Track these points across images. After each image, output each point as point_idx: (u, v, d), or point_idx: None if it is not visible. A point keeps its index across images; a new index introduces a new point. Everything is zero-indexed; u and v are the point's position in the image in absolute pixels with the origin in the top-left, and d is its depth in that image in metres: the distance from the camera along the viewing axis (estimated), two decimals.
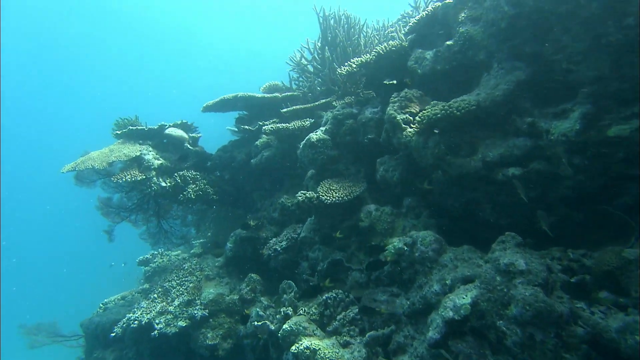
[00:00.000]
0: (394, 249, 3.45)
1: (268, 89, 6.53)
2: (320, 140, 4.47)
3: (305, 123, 5.12)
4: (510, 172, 2.84)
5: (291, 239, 4.66)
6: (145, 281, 6.72)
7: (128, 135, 5.64)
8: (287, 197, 5.35)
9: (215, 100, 5.84)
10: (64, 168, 5.12)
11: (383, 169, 4.03)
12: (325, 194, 4.12)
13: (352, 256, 4.14)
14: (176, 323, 4.69)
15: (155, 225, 6.34)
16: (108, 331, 5.49)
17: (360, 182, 4.22)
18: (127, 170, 5.14)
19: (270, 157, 5.37)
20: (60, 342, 6.65)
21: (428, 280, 3.15)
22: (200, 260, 5.63)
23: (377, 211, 3.99)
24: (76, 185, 6.12)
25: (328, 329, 3.66)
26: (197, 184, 5.59)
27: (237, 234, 5.33)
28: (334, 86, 5.88)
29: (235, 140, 6.33)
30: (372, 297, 3.54)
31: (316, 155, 4.50)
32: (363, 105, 4.51)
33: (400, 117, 3.49)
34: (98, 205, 6.47)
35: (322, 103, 5.43)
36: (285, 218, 5.31)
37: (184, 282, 5.22)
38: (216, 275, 5.37)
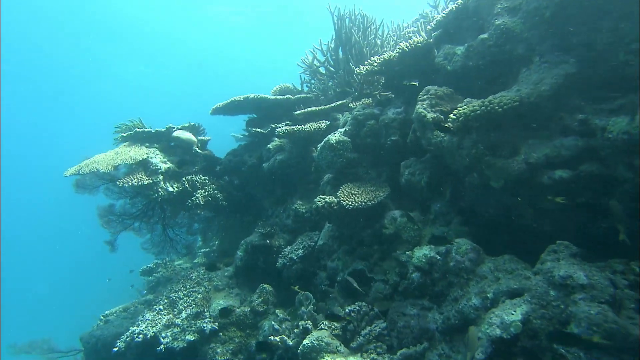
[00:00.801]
0: (425, 258, 3.18)
1: (279, 91, 6.31)
2: (340, 142, 4.22)
3: (322, 125, 4.88)
4: (557, 175, 2.59)
5: (308, 247, 4.39)
6: (149, 292, 6.41)
7: (134, 137, 5.40)
8: (301, 203, 5.09)
9: (225, 102, 5.61)
10: (67, 171, 4.87)
11: (409, 172, 3.78)
12: (347, 199, 3.86)
13: (375, 266, 3.86)
14: (184, 337, 4.39)
15: (160, 233, 6.06)
16: (109, 345, 5.17)
17: (383, 187, 3.97)
18: (133, 174, 4.89)
19: (284, 160, 5.13)
20: (56, 358, 6.31)
21: (465, 293, 2.88)
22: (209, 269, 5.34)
23: (403, 217, 3.73)
24: (77, 192, 5.84)
25: (352, 345, 3.37)
26: (206, 189, 5.33)
27: (248, 242, 5.06)
28: (349, 88, 5.67)
29: (246, 144, 6.09)
30: (400, 310, 3.26)
31: (335, 158, 4.26)
32: (385, 106, 4.28)
33: (431, 116, 3.25)
34: (98, 215, 6.18)
35: (338, 105, 5.21)
36: (299, 225, 5.05)
37: (192, 293, 4.93)
38: (225, 286, 5.08)
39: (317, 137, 4.94)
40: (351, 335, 3.46)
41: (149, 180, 4.88)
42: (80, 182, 5.67)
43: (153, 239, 6.11)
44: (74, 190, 5.80)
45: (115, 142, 5.55)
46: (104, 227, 6.10)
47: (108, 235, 6.02)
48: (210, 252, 7.50)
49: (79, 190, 5.77)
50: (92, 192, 5.83)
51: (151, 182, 4.90)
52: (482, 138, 2.84)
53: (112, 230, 6.05)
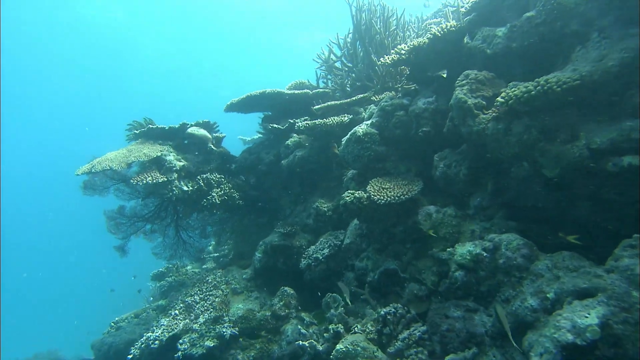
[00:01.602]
0: (470, 255, 2.93)
1: (294, 87, 6.11)
2: (368, 134, 3.99)
3: (344, 118, 4.66)
4: (626, 162, 2.34)
5: (334, 246, 4.15)
6: (161, 297, 6.17)
7: (147, 135, 5.19)
8: (322, 201, 4.86)
9: (240, 97, 5.40)
10: (79, 170, 4.66)
11: (444, 164, 3.54)
12: (378, 194, 3.62)
13: (409, 265, 3.61)
14: (203, 343, 4.14)
15: (173, 235, 5.83)
16: (122, 352, 4.93)
17: (416, 181, 3.73)
18: (147, 172, 4.67)
19: (304, 157, 4.90)
20: None
21: (518, 293, 2.62)
22: (225, 272, 5.10)
23: (439, 213, 3.48)
24: (85, 194, 5.60)
25: (389, 350, 3.11)
26: (222, 188, 5.11)
27: (267, 243, 4.82)
28: (369, 82, 5.46)
29: (261, 141, 5.87)
30: (442, 312, 3.00)
31: (362, 151, 4.03)
32: (413, 96, 4.05)
33: (472, 102, 3.02)
34: (106, 219, 5.91)
35: (359, 98, 4.99)
36: (321, 225, 4.81)
37: (209, 297, 4.69)
38: (244, 289, 4.83)
39: (339, 131, 4.72)
40: (387, 339, 3.20)
41: (164, 178, 4.66)
42: (90, 183, 5.44)
43: (165, 242, 5.88)
44: (82, 192, 5.56)
45: (127, 139, 5.34)
46: (111, 231, 5.84)
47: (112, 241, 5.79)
48: (220, 257, 7.26)
49: (88, 192, 5.53)
50: (102, 194, 5.61)
51: (166, 180, 4.68)
52: (535, 122, 2.60)
53: (122, 234, 5.81)
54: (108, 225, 5.83)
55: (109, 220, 5.81)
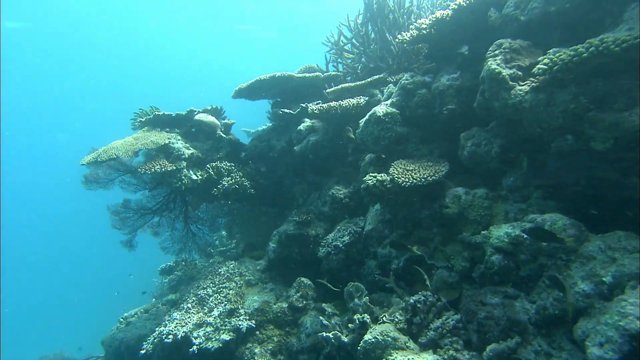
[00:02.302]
0: (508, 238, 2.72)
1: (304, 71, 5.87)
2: (388, 115, 3.77)
3: (360, 100, 4.44)
4: None
5: (354, 234, 3.94)
6: (170, 291, 6.00)
7: (153, 122, 4.98)
8: (338, 188, 4.65)
9: (249, 82, 5.18)
10: (84, 160, 4.46)
11: (472, 143, 3.32)
12: (402, 176, 3.41)
13: (436, 251, 3.41)
14: (218, 336, 3.96)
15: (181, 228, 5.63)
16: (134, 348, 4.77)
17: (442, 162, 3.51)
18: (155, 160, 4.46)
19: (318, 142, 4.68)
20: None
21: (566, 277, 2.41)
22: (238, 264, 4.91)
23: (468, 195, 3.27)
24: (87, 188, 5.35)
25: (421, 340, 2.91)
26: (233, 177, 4.90)
27: (282, 232, 4.62)
28: (383, 63, 5.22)
29: (271, 128, 5.65)
30: (478, 299, 2.80)
31: (383, 132, 3.81)
32: (436, 73, 3.82)
33: (507, 73, 2.79)
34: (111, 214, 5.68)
35: (374, 80, 4.76)
36: (337, 212, 4.61)
37: (222, 289, 4.50)
38: (258, 281, 4.65)
39: (355, 114, 4.50)
40: (418, 329, 3.01)
41: (172, 166, 4.46)
42: (92, 176, 5.19)
43: (174, 235, 5.67)
44: (84, 186, 5.33)
45: (133, 128, 5.13)
46: (116, 227, 5.61)
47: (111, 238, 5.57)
48: (226, 250, 7.08)
49: (90, 185, 5.25)
50: (106, 186, 5.37)
51: (175, 168, 4.48)
52: (584, 90, 2.38)
53: (128, 228, 5.59)
54: (112, 221, 5.60)
55: (114, 215, 5.57)
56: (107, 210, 5.31)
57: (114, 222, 5.56)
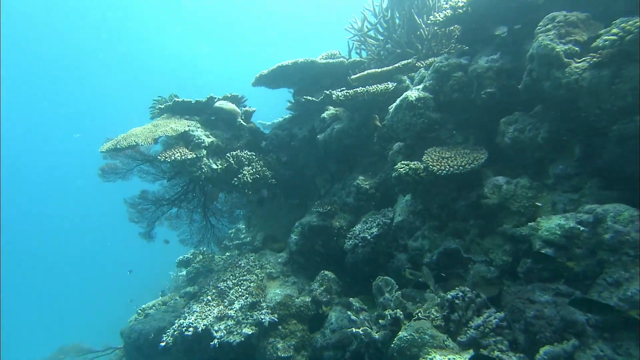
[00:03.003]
0: (561, 230, 2.49)
1: (326, 58, 5.66)
2: (421, 99, 3.55)
3: (389, 86, 4.22)
4: None
5: (383, 225, 3.74)
6: (188, 283, 5.90)
7: (172, 109, 4.85)
8: (363, 178, 4.46)
9: (271, 69, 5.01)
10: (103, 147, 4.36)
11: (515, 129, 3.07)
12: (437, 164, 3.19)
13: (472, 244, 3.19)
14: (240, 330, 3.83)
15: (200, 219, 5.52)
16: (153, 340, 4.68)
17: (480, 149, 3.28)
18: (174, 148, 4.33)
19: (343, 130, 4.48)
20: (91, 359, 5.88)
21: (633, 275, 2.18)
22: (259, 256, 4.77)
23: (510, 184, 3.03)
24: (103, 179, 5.25)
25: (460, 339, 2.71)
26: (253, 166, 4.74)
27: (305, 224, 4.45)
28: (410, 49, 4.98)
29: (293, 116, 5.48)
30: (525, 296, 2.58)
31: (415, 118, 3.59)
32: (473, 55, 3.57)
33: (561, 49, 2.54)
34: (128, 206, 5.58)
35: (402, 65, 4.52)
36: (362, 203, 4.42)
37: (243, 282, 4.37)
38: (280, 273, 4.50)
39: (383, 101, 4.29)
40: (456, 326, 2.80)
41: (192, 154, 4.32)
42: (109, 167, 5.10)
43: (192, 227, 5.57)
44: (100, 177, 5.23)
45: (151, 116, 5.01)
46: (133, 220, 5.53)
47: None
48: (242, 244, 6.96)
49: (106, 176, 5.15)
50: (125, 177, 5.28)
51: (195, 157, 4.34)
52: None
53: (146, 220, 5.50)
54: (129, 214, 5.51)
55: (131, 208, 5.48)
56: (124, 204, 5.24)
57: (131, 215, 5.47)
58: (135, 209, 5.43)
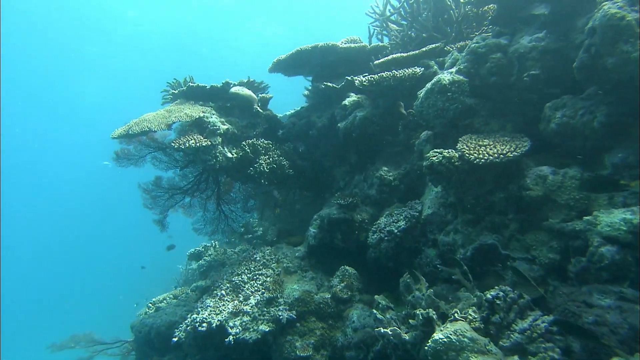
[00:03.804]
0: (627, 226, 2.21)
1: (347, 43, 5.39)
2: (455, 83, 3.27)
3: (417, 70, 3.94)
4: None
5: (411, 218, 3.49)
6: (200, 277, 5.73)
7: (186, 94, 4.65)
8: (386, 169, 4.20)
9: (289, 53, 4.76)
10: (115, 133, 4.17)
11: (563, 114, 2.79)
12: (474, 152, 2.92)
13: (512, 240, 2.92)
14: (257, 327, 3.62)
15: (214, 209, 5.33)
16: (164, 335, 4.51)
17: (521, 136, 3.00)
18: (189, 134, 4.12)
19: (367, 118, 4.22)
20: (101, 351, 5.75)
21: None
22: (275, 249, 4.56)
23: (557, 175, 2.75)
24: (118, 165, 5.10)
25: (503, 343, 2.45)
26: (270, 155, 4.52)
27: (324, 217, 4.22)
28: (438, 33, 4.69)
29: (311, 104, 5.23)
30: (580, 299, 2.31)
31: (448, 104, 3.32)
32: (513, 35, 3.28)
33: (634, 17, 2.25)
34: (142, 192, 5.47)
35: (430, 49, 4.25)
36: (385, 196, 4.17)
37: (258, 276, 4.16)
38: (297, 268, 4.28)
39: (409, 86, 4.02)
40: (497, 329, 2.54)
41: (207, 142, 4.11)
42: (123, 152, 4.95)
43: (206, 216, 5.39)
44: (115, 162, 5.08)
45: (164, 101, 4.81)
46: (147, 207, 5.39)
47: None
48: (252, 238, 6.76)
49: (121, 162, 5.01)
50: (137, 163, 5.12)
51: (210, 144, 4.13)
52: None
53: (159, 208, 5.35)
54: (143, 199, 5.37)
55: (145, 193, 5.35)
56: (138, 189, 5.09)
57: (145, 201, 5.33)
58: (149, 195, 5.28)
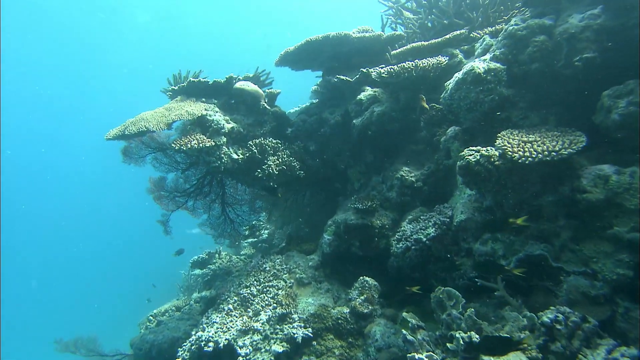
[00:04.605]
0: None
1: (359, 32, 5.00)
2: (491, 71, 2.88)
3: (442, 60, 3.55)
4: None
5: (441, 225, 3.10)
6: (204, 287, 5.36)
7: (187, 91, 4.26)
8: (407, 169, 3.82)
9: (298, 44, 4.37)
10: (109, 134, 3.80)
11: (629, 102, 2.39)
12: (518, 150, 2.53)
13: (564, 250, 2.53)
14: (269, 347, 3.25)
15: (218, 213, 4.97)
16: (166, 353, 4.15)
17: (573, 131, 2.60)
18: (190, 134, 3.75)
19: (385, 113, 3.83)
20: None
21: None
22: (285, 258, 4.18)
23: (622, 175, 2.36)
24: (124, 161, 4.80)
25: None
26: (279, 156, 4.13)
27: (341, 222, 3.84)
28: (460, 19, 4.29)
29: (321, 100, 4.84)
30: None
31: (482, 95, 2.93)
32: (559, 14, 2.88)
33: None
34: (150, 186, 5.15)
35: (454, 36, 3.85)
36: (407, 199, 3.79)
37: (269, 289, 3.79)
38: (311, 279, 3.90)
39: (432, 79, 3.63)
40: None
41: (211, 142, 3.73)
42: (128, 149, 4.62)
43: (211, 220, 5.04)
44: (122, 159, 4.76)
45: (172, 94, 4.42)
46: (156, 201, 5.10)
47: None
48: (257, 242, 6.40)
49: (127, 159, 4.72)
50: (138, 163, 4.78)
51: (214, 145, 3.75)
52: None
53: (164, 207, 5.03)
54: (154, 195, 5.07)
55: (152, 191, 5.04)
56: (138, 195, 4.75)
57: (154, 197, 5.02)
58: (156, 194, 4.97)
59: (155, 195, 5.05)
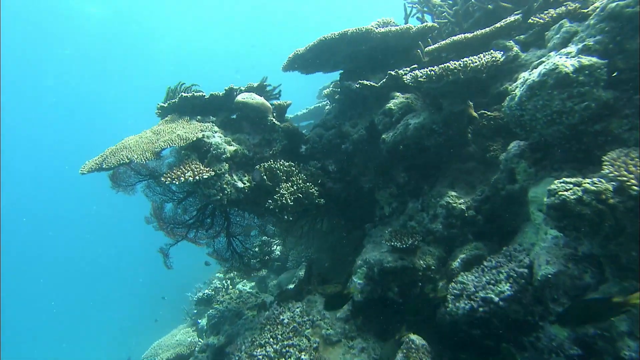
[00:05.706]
0: None
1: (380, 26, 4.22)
2: (585, 69, 2.09)
3: (497, 57, 2.76)
4: None
5: (517, 278, 2.33)
6: (211, 331, 4.65)
7: (179, 108, 3.54)
8: (453, 194, 3.05)
9: (310, 45, 3.62)
10: (84, 167, 3.09)
11: None
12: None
13: None
14: None
15: (224, 245, 4.26)
16: None
17: None
18: (184, 164, 3.02)
19: (425, 126, 3.05)
20: None
21: None
22: (307, 306, 3.44)
23: None
24: (112, 188, 4.16)
25: None
26: (294, 181, 3.39)
27: (374, 264, 3.08)
28: (508, 3, 3.49)
29: (339, 110, 4.08)
30: None
31: (572, 102, 2.14)
32: None
33: None
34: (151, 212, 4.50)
35: (508, 23, 3.06)
36: (455, 232, 3.03)
37: (289, 350, 3.05)
38: (341, 336, 3.15)
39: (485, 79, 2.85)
40: None
41: (210, 172, 3.00)
42: (116, 175, 3.96)
43: (218, 252, 4.35)
44: (111, 185, 4.12)
45: (161, 112, 3.71)
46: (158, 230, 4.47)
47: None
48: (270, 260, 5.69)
49: (115, 186, 4.07)
50: (127, 191, 4.12)
51: (213, 174, 3.02)
52: None
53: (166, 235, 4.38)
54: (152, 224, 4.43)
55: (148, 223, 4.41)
56: None
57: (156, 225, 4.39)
58: (152, 225, 4.33)
59: (155, 226, 4.41)
